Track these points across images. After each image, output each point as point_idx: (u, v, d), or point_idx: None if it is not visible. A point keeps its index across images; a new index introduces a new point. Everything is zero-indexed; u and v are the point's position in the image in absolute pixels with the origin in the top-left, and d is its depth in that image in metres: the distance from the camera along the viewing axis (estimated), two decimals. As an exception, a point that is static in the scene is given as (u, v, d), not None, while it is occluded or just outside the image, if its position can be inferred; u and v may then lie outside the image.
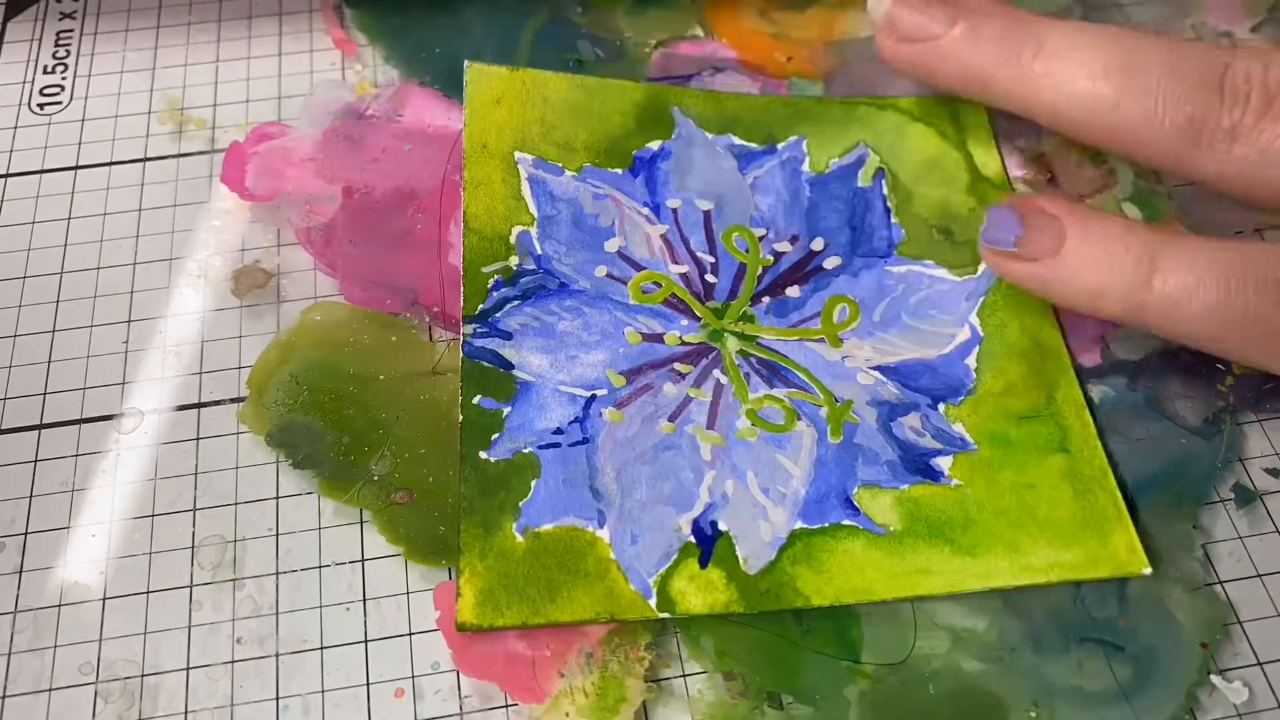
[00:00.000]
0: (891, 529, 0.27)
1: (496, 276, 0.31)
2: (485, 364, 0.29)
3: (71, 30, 0.37)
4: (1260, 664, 0.26)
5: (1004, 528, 0.27)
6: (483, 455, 0.28)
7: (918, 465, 0.28)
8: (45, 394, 0.29)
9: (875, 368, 0.30)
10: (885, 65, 0.31)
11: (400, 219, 0.32)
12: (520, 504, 0.27)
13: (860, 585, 0.26)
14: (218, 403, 0.29)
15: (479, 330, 0.30)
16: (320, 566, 0.27)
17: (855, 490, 0.28)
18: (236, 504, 0.28)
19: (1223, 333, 0.26)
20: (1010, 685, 0.25)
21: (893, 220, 0.32)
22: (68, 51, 0.37)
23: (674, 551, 0.27)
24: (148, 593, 0.27)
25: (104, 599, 0.26)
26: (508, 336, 0.30)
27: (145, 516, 0.28)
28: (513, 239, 0.31)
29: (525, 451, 0.28)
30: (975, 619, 0.26)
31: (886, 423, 0.29)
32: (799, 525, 0.27)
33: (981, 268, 0.31)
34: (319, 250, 0.32)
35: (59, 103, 0.35)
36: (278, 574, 0.27)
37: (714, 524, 0.27)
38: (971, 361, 0.30)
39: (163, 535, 0.27)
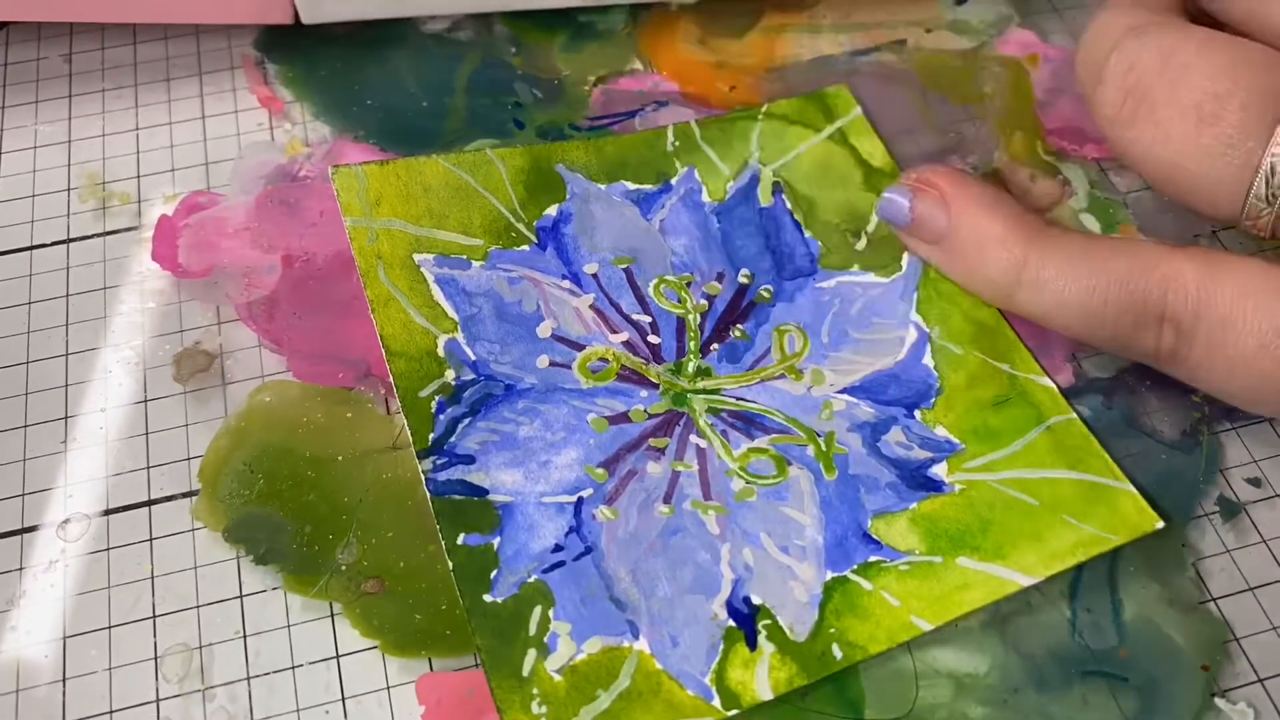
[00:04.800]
0: (916, 553, 0.27)
1: (438, 397, 0.28)
2: (457, 497, 0.27)
3: (-23, 106, 0.35)
4: (1261, 680, 0.26)
5: (1019, 520, 0.27)
6: (487, 598, 0.25)
7: (918, 480, 0.28)
8: (-19, 504, 0.28)
9: (842, 391, 0.29)
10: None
11: (345, 285, 0.31)
12: (545, 639, 0.25)
13: (908, 620, 0.26)
14: (169, 499, 0.28)
15: (438, 463, 0.27)
16: (293, 667, 0.26)
17: (869, 523, 0.27)
18: (198, 607, 0.26)
19: (1088, 335, 0.28)
20: (1017, 729, 0.25)
21: (806, 234, 0.32)
22: (-26, 130, 0.35)
23: (718, 641, 0.25)
24: (110, 713, 0.25)
25: (64, 723, 0.25)
26: (470, 460, 0.27)
27: (101, 629, 0.26)
28: (440, 351, 0.29)
29: (531, 581, 0.26)
30: (976, 663, 0.26)
31: (873, 444, 0.28)
32: (829, 575, 0.26)
33: (905, 263, 0.31)
34: (262, 326, 0.30)
35: (-30, 185, 0.34)
36: (249, 679, 0.25)
37: (747, 600, 0.26)
38: (929, 361, 0.30)
39: (122, 648, 0.26)
